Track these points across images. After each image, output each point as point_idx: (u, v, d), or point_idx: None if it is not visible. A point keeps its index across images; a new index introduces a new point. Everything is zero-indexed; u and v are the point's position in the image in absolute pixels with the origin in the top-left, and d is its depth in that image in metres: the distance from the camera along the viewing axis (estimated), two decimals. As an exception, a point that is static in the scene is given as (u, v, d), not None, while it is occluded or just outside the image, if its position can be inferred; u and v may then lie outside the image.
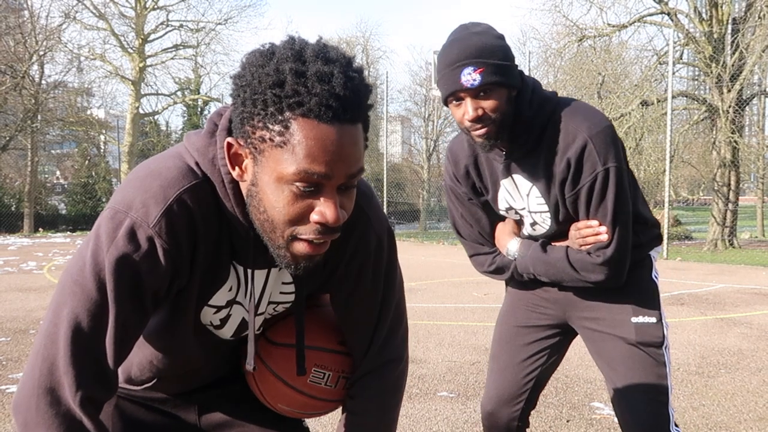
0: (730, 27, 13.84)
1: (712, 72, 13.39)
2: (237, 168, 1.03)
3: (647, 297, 1.82)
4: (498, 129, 1.67)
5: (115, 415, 1.31)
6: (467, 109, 1.64)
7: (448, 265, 10.77)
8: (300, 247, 1.02)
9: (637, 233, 1.78)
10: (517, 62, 1.71)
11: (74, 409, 0.99)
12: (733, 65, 13.33)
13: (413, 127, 33.13)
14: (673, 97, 12.77)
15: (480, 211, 1.92)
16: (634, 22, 15.05)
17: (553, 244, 1.83)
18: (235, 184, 1.05)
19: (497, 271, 1.94)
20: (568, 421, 3.25)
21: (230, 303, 1.20)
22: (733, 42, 13.53)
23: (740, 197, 15.54)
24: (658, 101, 14.00)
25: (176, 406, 1.37)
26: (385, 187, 17.27)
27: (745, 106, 14.43)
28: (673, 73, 12.75)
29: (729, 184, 13.93)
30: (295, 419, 1.40)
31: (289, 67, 0.93)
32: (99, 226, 1.04)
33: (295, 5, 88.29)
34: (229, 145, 1.02)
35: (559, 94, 1.79)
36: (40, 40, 19.43)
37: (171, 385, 1.34)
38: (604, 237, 1.70)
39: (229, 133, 1.05)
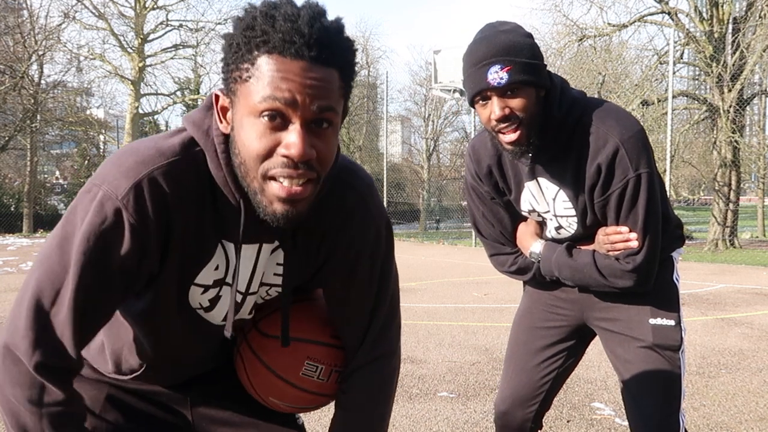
0: (730, 26, 13.83)
1: (712, 71, 13.38)
2: (224, 121, 1.06)
3: (667, 299, 1.77)
4: (527, 132, 1.60)
5: (106, 402, 1.33)
6: (494, 108, 1.58)
7: (448, 265, 10.76)
8: (273, 189, 1.01)
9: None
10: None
11: (32, 372, 1.03)
12: (733, 65, 13.32)
13: (413, 127, 33.17)
14: (674, 96, 12.76)
15: (502, 211, 1.87)
16: (635, 21, 15.05)
17: (578, 247, 1.78)
18: (227, 153, 1.06)
19: (519, 272, 1.90)
20: (568, 422, 3.23)
21: (218, 283, 1.19)
22: (733, 41, 13.52)
23: (741, 197, 15.54)
24: (659, 101, 14.00)
25: (169, 399, 1.37)
26: (385, 187, 17.25)
27: (745, 106, 14.41)
28: (674, 73, 12.75)
29: (730, 184, 13.92)
30: (289, 415, 1.39)
31: (260, 11, 0.98)
32: (76, 199, 1.07)
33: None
34: (217, 97, 1.06)
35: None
36: (39, 39, 19.42)
37: (161, 376, 1.34)
38: (635, 244, 1.65)
39: None
